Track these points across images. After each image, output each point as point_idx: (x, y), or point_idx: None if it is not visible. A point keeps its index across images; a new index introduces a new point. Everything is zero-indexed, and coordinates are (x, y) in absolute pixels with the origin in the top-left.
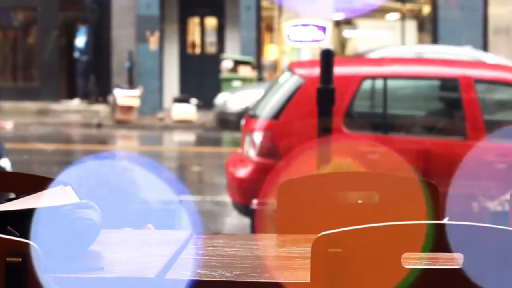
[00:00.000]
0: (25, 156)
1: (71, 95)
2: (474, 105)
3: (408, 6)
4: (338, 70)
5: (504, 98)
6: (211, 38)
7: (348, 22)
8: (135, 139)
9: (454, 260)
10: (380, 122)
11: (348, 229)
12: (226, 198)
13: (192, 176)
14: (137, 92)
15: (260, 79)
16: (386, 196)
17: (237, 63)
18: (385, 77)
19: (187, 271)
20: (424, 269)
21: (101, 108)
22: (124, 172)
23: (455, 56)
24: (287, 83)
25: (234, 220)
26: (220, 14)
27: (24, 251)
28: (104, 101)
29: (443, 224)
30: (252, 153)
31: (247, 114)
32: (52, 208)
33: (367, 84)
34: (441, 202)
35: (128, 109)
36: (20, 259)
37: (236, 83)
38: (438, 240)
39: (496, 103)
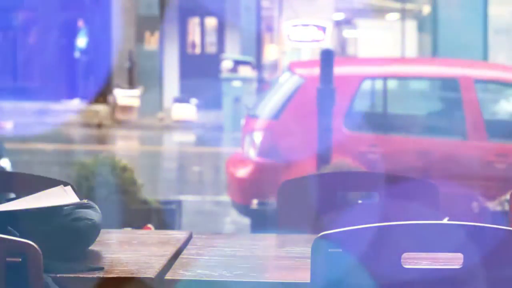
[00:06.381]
0: (25, 156)
1: (71, 95)
2: (474, 105)
3: (408, 6)
4: (338, 70)
5: (504, 98)
6: (211, 38)
7: (348, 22)
8: (135, 139)
9: (454, 260)
10: (380, 122)
11: (348, 229)
12: (226, 198)
13: (192, 176)
14: (137, 92)
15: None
16: (386, 196)
17: (237, 63)
18: (385, 77)
19: (187, 271)
20: (424, 269)
21: (101, 108)
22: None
23: None
24: (287, 83)
25: (234, 220)
26: (220, 14)
27: (24, 251)
28: (104, 101)
29: (443, 224)
30: (252, 153)
31: (247, 114)
32: (52, 208)
33: (367, 84)
34: (441, 202)
35: (128, 109)
36: (20, 259)
37: (236, 83)
38: (438, 240)
39: (496, 103)
